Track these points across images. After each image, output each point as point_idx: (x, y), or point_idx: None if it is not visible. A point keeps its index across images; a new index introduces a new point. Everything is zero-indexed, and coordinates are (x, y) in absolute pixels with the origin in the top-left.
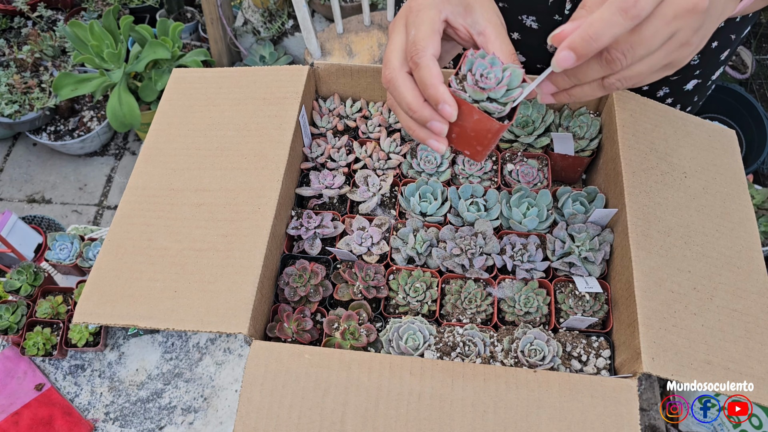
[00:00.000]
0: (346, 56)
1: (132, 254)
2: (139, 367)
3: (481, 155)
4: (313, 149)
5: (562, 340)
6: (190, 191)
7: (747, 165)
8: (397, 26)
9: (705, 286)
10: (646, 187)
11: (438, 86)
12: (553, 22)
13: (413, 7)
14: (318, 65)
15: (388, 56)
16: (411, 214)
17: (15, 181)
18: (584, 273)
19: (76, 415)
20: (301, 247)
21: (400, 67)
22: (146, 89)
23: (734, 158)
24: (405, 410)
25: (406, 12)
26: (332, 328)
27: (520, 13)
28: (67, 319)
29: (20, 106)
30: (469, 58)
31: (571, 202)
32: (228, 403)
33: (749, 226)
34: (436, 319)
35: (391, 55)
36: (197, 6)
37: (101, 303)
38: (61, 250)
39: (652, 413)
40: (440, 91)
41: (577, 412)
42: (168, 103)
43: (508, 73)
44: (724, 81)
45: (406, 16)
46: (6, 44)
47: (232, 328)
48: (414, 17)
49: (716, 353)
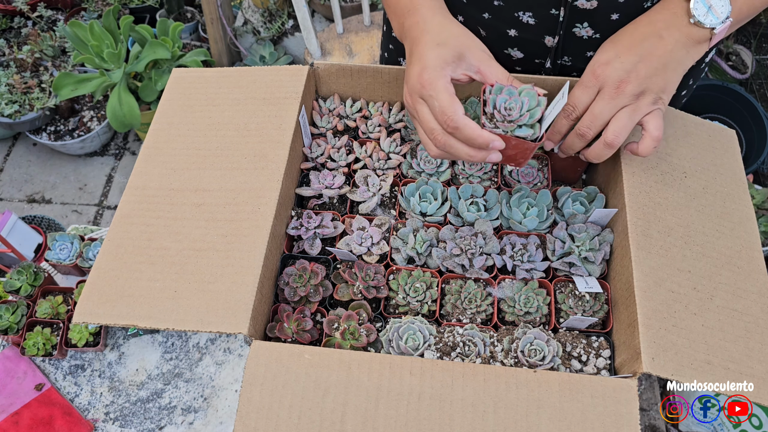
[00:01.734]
0: (346, 56)
1: (132, 254)
2: (139, 367)
3: (524, 164)
4: (313, 149)
5: (562, 340)
6: (190, 191)
7: (747, 165)
8: (416, 102)
9: (705, 285)
10: (646, 187)
11: (482, 134)
12: (550, 16)
13: (423, 83)
14: (318, 65)
15: (430, 126)
16: (411, 214)
17: (15, 181)
18: (584, 273)
19: (76, 415)
20: (301, 247)
21: (442, 132)
22: (146, 89)
23: (734, 158)
24: (405, 410)
25: (419, 89)
26: (332, 328)
27: (516, 9)
28: (67, 319)
29: (20, 106)
30: (492, 97)
31: (571, 202)
32: (228, 403)
33: (749, 226)
34: (436, 319)
35: (430, 124)
36: (197, 6)
37: (101, 303)
38: (61, 250)
39: (652, 413)
40: (485, 136)
41: (577, 412)
42: (168, 103)
43: (525, 98)
44: (724, 81)
45: (419, 92)
46: (6, 44)
47: (232, 328)
48: (429, 91)
49: (716, 353)
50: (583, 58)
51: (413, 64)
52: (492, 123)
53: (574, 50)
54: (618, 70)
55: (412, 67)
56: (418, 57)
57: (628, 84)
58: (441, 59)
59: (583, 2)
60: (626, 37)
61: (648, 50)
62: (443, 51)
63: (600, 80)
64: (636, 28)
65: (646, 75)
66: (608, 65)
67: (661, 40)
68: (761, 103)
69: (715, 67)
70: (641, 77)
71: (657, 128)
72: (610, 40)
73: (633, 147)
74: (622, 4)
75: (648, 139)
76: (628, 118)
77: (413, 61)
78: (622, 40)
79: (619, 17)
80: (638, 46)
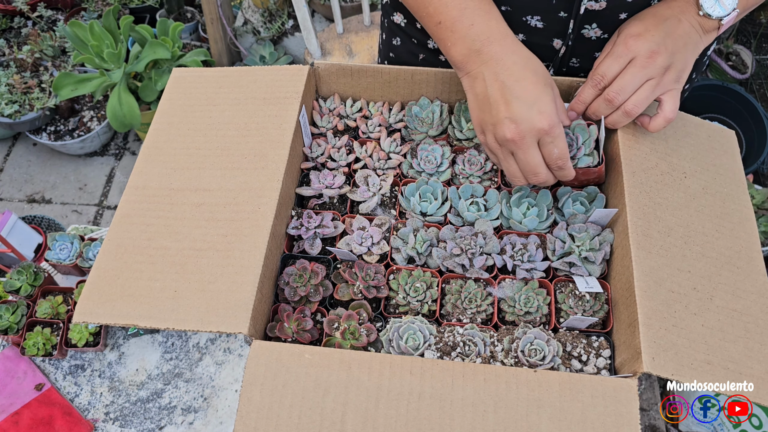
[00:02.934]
0: (346, 56)
1: (132, 254)
2: (139, 367)
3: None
4: (314, 149)
5: (562, 339)
6: (190, 191)
7: (747, 165)
8: (527, 144)
9: (705, 286)
10: (646, 187)
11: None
12: (559, 20)
13: (548, 130)
14: (318, 65)
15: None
16: (411, 214)
17: (15, 181)
18: (584, 273)
19: (76, 415)
20: (301, 247)
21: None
22: (146, 89)
23: (734, 158)
24: (405, 410)
25: (541, 133)
26: (332, 328)
27: (524, 14)
28: (67, 319)
29: (20, 106)
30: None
31: (571, 202)
32: (228, 403)
33: (749, 226)
34: (436, 319)
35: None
36: (197, 6)
37: (101, 303)
38: (61, 250)
39: (652, 413)
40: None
41: (578, 412)
42: (168, 103)
43: (578, 134)
44: (724, 81)
45: (538, 135)
46: (6, 44)
47: (232, 328)
48: (551, 138)
49: (716, 353)
50: (591, 59)
51: (526, 104)
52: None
53: (582, 51)
54: (649, 41)
55: (524, 108)
56: (532, 99)
57: (659, 55)
58: (554, 103)
59: (591, 3)
60: (650, 16)
61: (671, 28)
62: (552, 92)
63: (632, 51)
64: (657, 10)
65: (673, 50)
66: (640, 37)
67: (679, 22)
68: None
69: (715, 67)
70: (669, 51)
71: (672, 110)
72: (636, 18)
73: (645, 120)
74: (630, 3)
75: (661, 118)
76: (650, 91)
77: (523, 100)
78: (647, 18)
79: (628, 16)
80: (662, 24)
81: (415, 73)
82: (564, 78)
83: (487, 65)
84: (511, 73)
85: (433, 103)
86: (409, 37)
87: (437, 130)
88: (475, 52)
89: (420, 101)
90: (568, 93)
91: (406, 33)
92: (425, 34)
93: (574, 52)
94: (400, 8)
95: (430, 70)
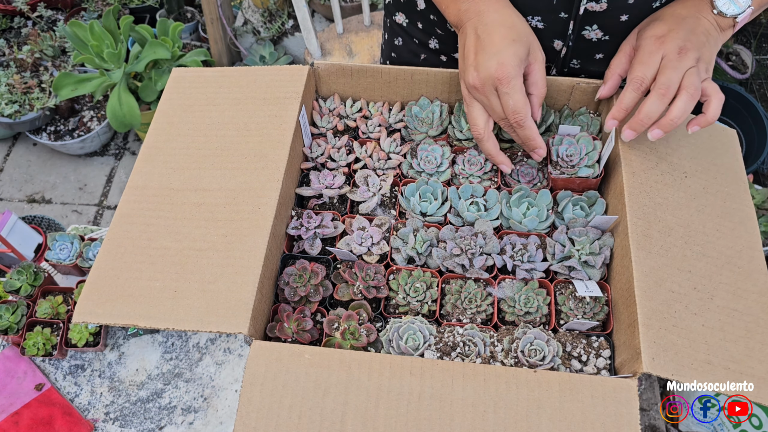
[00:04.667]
0: (346, 56)
1: (132, 254)
2: (139, 367)
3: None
4: (314, 149)
5: (562, 340)
6: (190, 191)
7: (747, 165)
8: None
9: (705, 285)
10: (646, 187)
11: (537, 137)
12: (559, 20)
13: (502, 79)
14: (318, 65)
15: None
16: (411, 214)
17: (15, 181)
18: (584, 277)
19: (76, 415)
20: (301, 247)
21: (508, 125)
22: (146, 89)
23: (735, 158)
24: (405, 410)
25: (496, 82)
26: (332, 328)
27: (524, 14)
28: (67, 319)
29: (20, 106)
30: (554, 148)
31: (571, 206)
32: (228, 403)
33: (750, 226)
34: (436, 319)
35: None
36: (197, 6)
37: (101, 302)
38: (61, 250)
39: (652, 413)
40: (538, 141)
41: (578, 412)
42: (168, 103)
43: (583, 145)
44: (724, 81)
45: (495, 84)
46: (6, 44)
47: (232, 328)
48: (506, 88)
49: (716, 353)
50: (592, 60)
51: (488, 54)
52: (557, 170)
53: (583, 52)
54: (676, 39)
55: (486, 58)
56: (495, 50)
57: (689, 51)
58: (518, 57)
59: (592, 5)
60: (669, 16)
61: (692, 26)
62: (519, 48)
63: (661, 51)
64: (674, 10)
65: (699, 44)
66: (666, 37)
67: (699, 20)
68: (761, 103)
69: (715, 67)
70: (696, 45)
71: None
72: (656, 19)
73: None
74: (631, 5)
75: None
76: (696, 76)
77: (487, 51)
78: (667, 19)
79: (629, 18)
80: (683, 22)
81: (414, 73)
82: (564, 78)
83: (471, 21)
84: (486, 27)
85: (433, 103)
86: (410, 37)
87: (437, 130)
88: (464, 12)
89: (420, 101)
90: (569, 93)
91: (408, 33)
92: (427, 34)
93: (575, 53)
94: (402, 8)
95: (430, 70)
